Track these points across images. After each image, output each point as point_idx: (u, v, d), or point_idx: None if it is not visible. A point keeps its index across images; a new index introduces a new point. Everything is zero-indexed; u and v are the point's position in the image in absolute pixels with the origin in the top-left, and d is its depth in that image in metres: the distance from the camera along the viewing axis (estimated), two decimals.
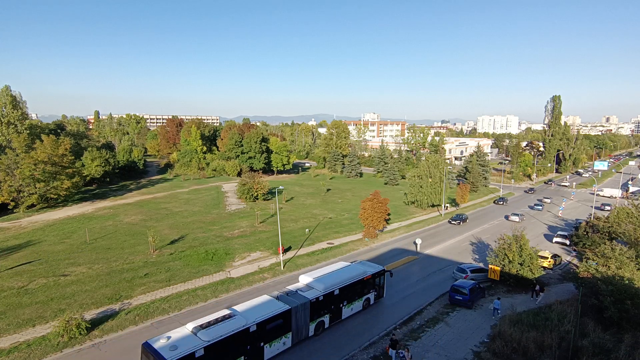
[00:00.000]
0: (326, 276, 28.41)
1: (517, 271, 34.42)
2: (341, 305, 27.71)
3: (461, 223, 60.33)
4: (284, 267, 39.11)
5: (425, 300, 32.38)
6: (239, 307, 23.49)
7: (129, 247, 44.16)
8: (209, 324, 21.00)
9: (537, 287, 33.40)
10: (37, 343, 24.48)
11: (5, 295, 31.09)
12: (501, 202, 77.70)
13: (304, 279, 28.14)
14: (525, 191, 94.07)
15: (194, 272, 36.96)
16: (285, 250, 42.30)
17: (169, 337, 19.81)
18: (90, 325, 25.91)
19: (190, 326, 21.00)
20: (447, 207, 71.17)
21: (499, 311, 29.25)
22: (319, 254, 43.54)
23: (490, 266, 35.51)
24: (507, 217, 64.86)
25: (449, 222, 61.29)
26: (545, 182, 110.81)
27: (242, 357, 21.29)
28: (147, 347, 19.24)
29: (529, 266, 34.14)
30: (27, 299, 30.63)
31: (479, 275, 36.03)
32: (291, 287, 27.20)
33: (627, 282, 27.45)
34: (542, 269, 37.18)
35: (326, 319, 26.67)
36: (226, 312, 22.59)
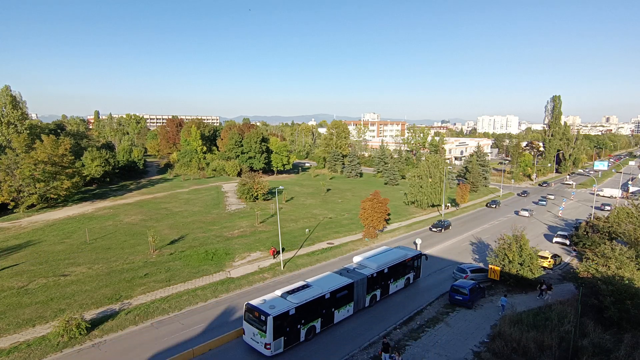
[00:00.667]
0: (377, 257, 33.44)
1: (517, 271, 34.42)
2: (389, 282, 32.60)
3: (443, 230, 55.04)
4: (284, 267, 39.11)
5: (425, 300, 32.40)
6: (310, 280, 28.14)
7: (129, 247, 44.16)
8: (294, 291, 25.68)
9: (544, 286, 33.53)
10: (37, 343, 24.49)
11: (5, 295, 31.10)
12: (493, 206, 73.25)
13: (357, 259, 33.31)
14: (518, 194, 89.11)
15: (194, 272, 36.96)
16: (278, 252, 41.97)
17: (265, 300, 24.35)
18: (90, 325, 25.93)
19: (278, 292, 25.62)
20: (448, 206, 71.32)
21: (504, 308, 29.76)
22: (319, 254, 43.53)
23: (490, 266, 35.52)
24: (517, 213, 68.29)
25: (430, 229, 55.51)
26: (540, 184, 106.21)
27: (319, 319, 25.86)
28: (251, 306, 23.86)
29: (529, 266, 34.14)
30: (27, 299, 30.64)
31: (479, 275, 36.03)
32: (347, 266, 31.92)
33: (627, 282, 27.45)
34: (542, 269, 37.18)
35: (378, 292, 31.48)
36: (303, 283, 27.55)
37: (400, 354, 22.68)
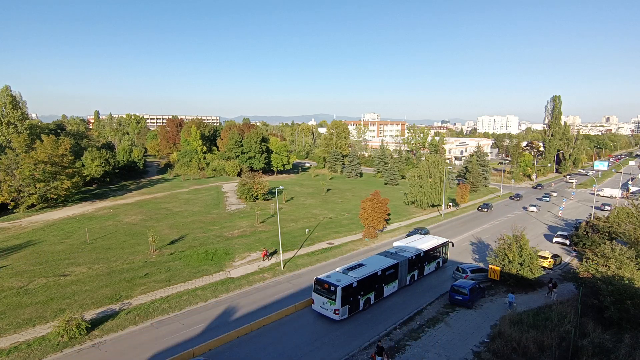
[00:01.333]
0: (414, 243, 38.52)
1: (517, 271, 34.42)
2: (424, 264, 37.41)
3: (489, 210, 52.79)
4: (284, 267, 39.11)
5: (425, 300, 32.40)
6: (362, 261, 33.09)
7: (129, 247, 44.16)
8: (352, 268, 30.72)
9: (551, 284, 33.73)
10: (37, 343, 24.50)
11: (5, 295, 31.11)
12: (485, 209, 69.96)
13: (397, 244, 38.82)
14: (511, 197, 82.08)
15: (194, 272, 36.96)
16: (271, 254, 41.75)
17: (330, 275, 29.43)
18: (90, 325, 25.94)
19: (339, 269, 30.83)
20: (450, 205, 71.64)
21: (513, 304, 30.21)
22: (319, 254, 43.53)
23: (490, 266, 35.50)
24: (525, 209, 71.80)
25: (406, 237, 49.07)
26: (534, 187, 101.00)
27: (373, 292, 30.88)
28: (321, 280, 28.79)
29: (529, 266, 34.13)
30: (27, 299, 30.65)
31: (479, 275, 36.02)
32: (388, 250, 37.00)
33: (627, 282, 27.43)
34: (542, 269, 37.17)
35: (415, 273, 36.24)
36: (357, 262, 32.58)
37: (392, 358, 22.84)
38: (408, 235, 50.05)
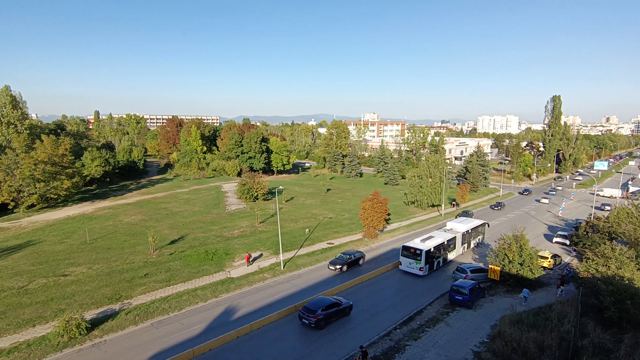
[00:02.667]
0: (462, 222, 47.09)
1: (517, 271, 34.42)
2: (471, 239, 46.93)
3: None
4: (284, 267, 39.11)
5: (425, 300, 32.38)
6: (431, 234, 42.11)
7: (129, 247, 44.16)
8: (426, 239, 39.65)
9: (559, 281, 34.16)
10: (37, 343, 24.50)
11: (5, 295, 31.11)
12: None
13: (450, 225, 46.44)
14: (491, 207, 73.41)
15: (194, 272, 36.96)
16: (254, 259, 40.77)
17: (414, 244, 38.37)
18: (90, 325, 25.94)
19: (417, 240, 39.38)
20: (453, 204, 72.30)
21: (527, 299, 31.39)
22: (319, 254, 43.52)
23: (490, 266, 35.49)
24: (538, 200, 79.51)
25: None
26: (520, 193, 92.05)
27: (442, 257, 40.48)
28: (407, 246, 38.14)
29: (529, 266, 34.14)
30: (27, 299, 30.65)
31: (479, 275, 36.01)
32: (444, 228, 46.28)
33: (627, 282, 27.41)
34: (542, 269, 37.16)
35: (466, 245, 45.75)
36: (428, 235, 41.38)
37: None
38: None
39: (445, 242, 40.89)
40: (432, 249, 38.13)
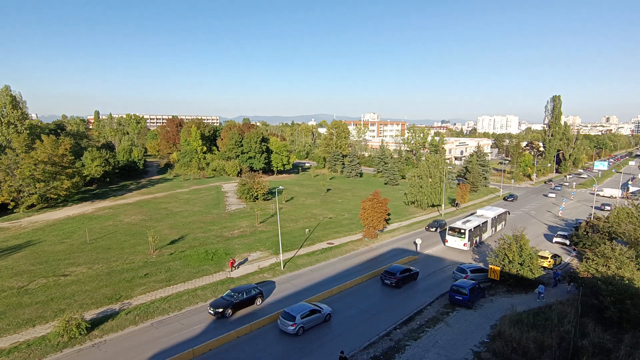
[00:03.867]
0: (490, 210, 55.85)
1: (517, 271, 34.42)
2: (497, 224, 55.21)
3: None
4: (284, 267, 39.10)
5: (425, 300, 32.37)
6: (469, 218, 50.78)
7: (129, 247, 44.16)
8: (467, 221, 48.42)
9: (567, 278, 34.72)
10: (37, 343, 24.48)
11: (5, 295, 31.10)
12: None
13: (480, 212, 55.26)
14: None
15: (194, 272, 36.96)
16: (239, 264, 39.05)
17: (458, 225, 46.97)
18: (90, 325, 25.92)
19: (459, 222, 48.22)
20: (457, 204, 73.21)
21: (542, 295, 32.13)
22: (319, 254, 43.52)
23: (490, 266, 35.51)
24: (545, 195, 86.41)
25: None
26: (504, 199, 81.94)
27: (479, 236, 48.85)
28: (453, 227, 46.88)
29: (529, 266, 34.14)
30: (27, 299, 30.64)
31: (479, 275, 36.01)
32: (475, 214, 55.04)
33: (627, 282, 27.42)
34: (542, 269, 37.17)
35: (494, 229, 53.98)
36: (466, 219, 50.11)
37: None
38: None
39: (481, 225, 49.33)
40: (472, 229, 46.54)
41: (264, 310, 29.81)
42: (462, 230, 45.67)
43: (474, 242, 47.55)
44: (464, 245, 45.42)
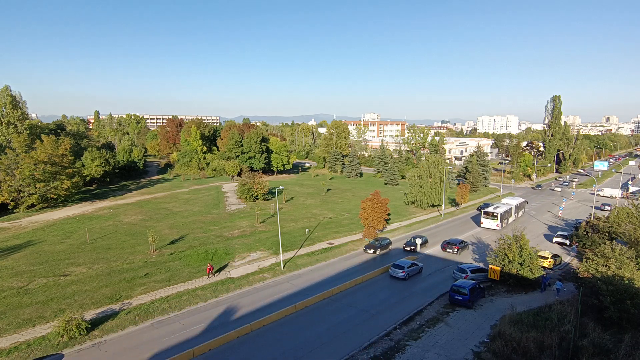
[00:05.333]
0: (512, 200, 64.36)
1: (517, 271, 34.42)
2: (519, 210, 64.33)
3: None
4: (284, 267, 39.11)
5: (425, 300, 32.38)
6: (498, 204, 61.19)
7: (129, 247, 44.17)
8: (497, 207, 58.77)
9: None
10: (37, 343, 24.50)
11: (5, 295, 31.12)
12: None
13: (504, 200, 64.42)
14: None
15: (194, 272, 36.96)
16: (217, 271, 37.07)
17: (491, 209, 57.86)
18: (90, 325, 25.95)
19: (490, 207, 58.77)
20: (459, 203, 73.34)
21: (560, 291, 33.10)
22: (319, 254, 43.53)
23: (490, 266, 35.51)
24: (552, 189, 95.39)
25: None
26: (478, 209, 70.01)
27: (509, 218, 59.47)
28: (487, 211, 57.92)
29: (529, 266, 34.14)
30: (27, 299, 30.65)
31: (479, 275, 36.01)
32: (500, 202, 64.47)
33: (627, 282, 27.42)
34: (542, 269, 37.17)
35: (516, 215, 62.90)
36: (497, 204, 61.70)
37: None
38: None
39: (508, 210, 58.81)
40: (502, 213, 56.40)
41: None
42: (495, 214, 56.06)
43: (504, 223, 57.11)
44: (497, 225, 55.55)
